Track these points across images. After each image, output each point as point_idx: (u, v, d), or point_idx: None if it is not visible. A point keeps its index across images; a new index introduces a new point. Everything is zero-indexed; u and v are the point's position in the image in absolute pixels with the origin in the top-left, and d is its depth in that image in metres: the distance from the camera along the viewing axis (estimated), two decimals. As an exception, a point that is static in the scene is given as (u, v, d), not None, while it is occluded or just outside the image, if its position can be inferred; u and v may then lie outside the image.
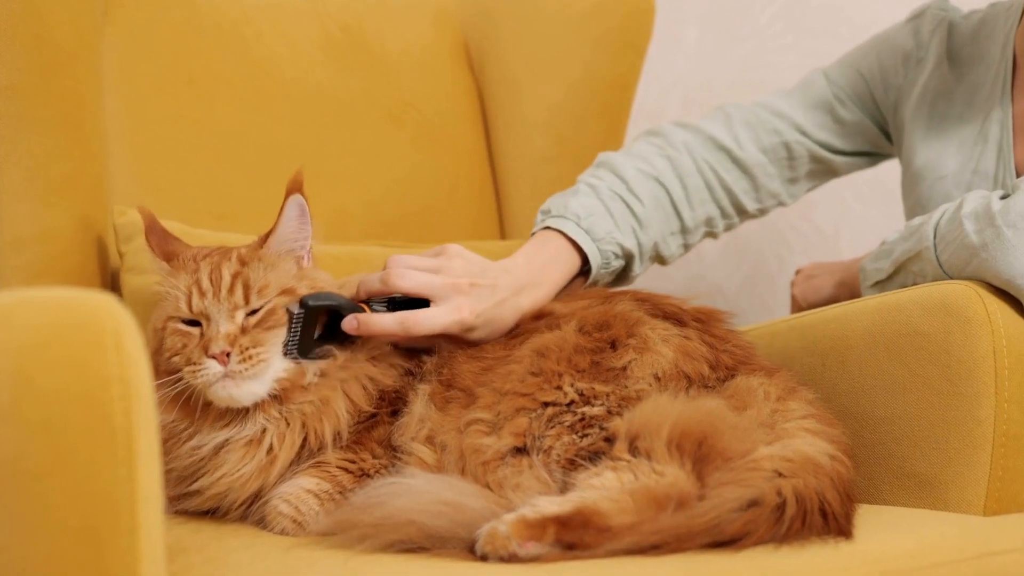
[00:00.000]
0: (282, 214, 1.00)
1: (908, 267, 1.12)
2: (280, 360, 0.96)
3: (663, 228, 1.25)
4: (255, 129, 1.41)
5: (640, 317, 1.00)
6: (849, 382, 1.08)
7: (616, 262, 1.20)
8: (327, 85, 1.48)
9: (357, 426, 0.98)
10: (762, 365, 0.99)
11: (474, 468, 0.91)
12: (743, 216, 1.34)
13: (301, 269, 1.01)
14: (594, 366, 0.94)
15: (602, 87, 1.57)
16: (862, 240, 1.99)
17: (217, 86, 1.40)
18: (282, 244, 1.01)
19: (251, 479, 0.94)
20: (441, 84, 1.60)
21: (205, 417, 0.96)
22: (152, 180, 1.33)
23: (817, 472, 0.84)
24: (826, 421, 0.93)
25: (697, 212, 1.28)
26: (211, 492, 0.96)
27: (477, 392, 0.95)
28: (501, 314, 1.05)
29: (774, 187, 1.33)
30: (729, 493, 0.81)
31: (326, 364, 0.97)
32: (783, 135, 1.33)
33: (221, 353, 0.93)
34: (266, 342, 0.95)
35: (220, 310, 0.95)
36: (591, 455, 0.87)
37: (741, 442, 0.86)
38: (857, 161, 1.40)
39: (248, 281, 0.97)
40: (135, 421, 0.64)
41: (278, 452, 0.94)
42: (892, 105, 1.34)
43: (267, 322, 0.96)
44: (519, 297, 1.07)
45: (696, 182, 1.28)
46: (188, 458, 0.96)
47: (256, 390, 0.94)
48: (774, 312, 1.94)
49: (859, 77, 1.35)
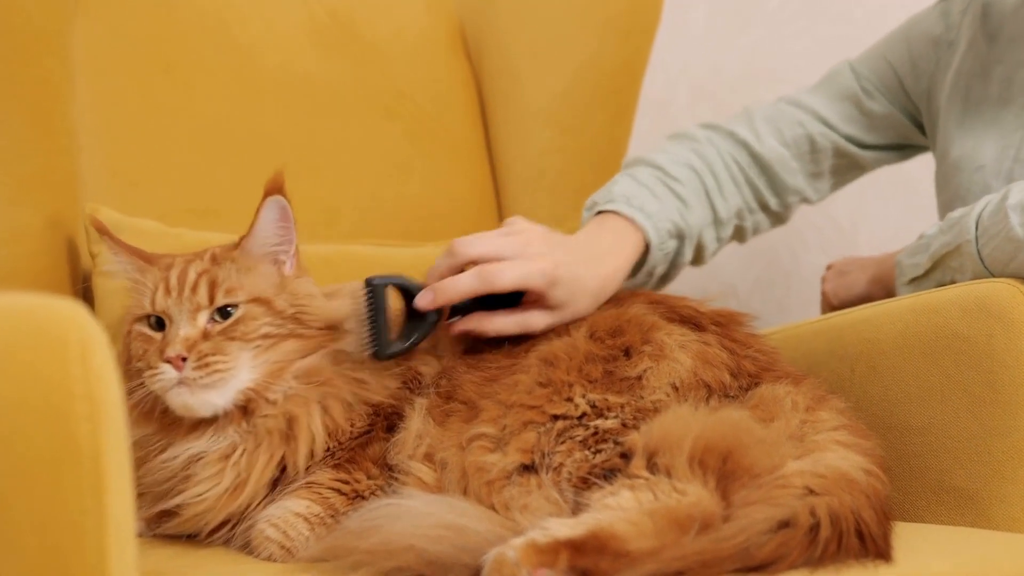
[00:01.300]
0: (258, 216, 0.99)
1: (947, 262, 1.11)
2: (247, 372, 0.94)
3: (702, 216, 1.27)
4: (237, 121, 1.41)
5: (655, 321, 0.98)
6: (881, 390, 1.06)
7: (670, 243, 1.21)
8: (314, 73, 1.48)
9: (350, 443, 0.96)
10: (788, 372, 0.98)
11: (478, 488, 0.89)
12: (766, 213, 1.35)
13: (283, 277, 1.00)
14: (607, 375, 0.92)
15: (609, 73, 1.56)
16: (881, 235, 1.98)
17: (196, 75, 1.40)
18: (260, 247, 0.99)
19: (225, 497, 0.93)
20: (436, 72, 1.59)
21: (178, 428, 0.95)
22: (127, 176, 1.32)
23: (852, 489, 0.82)
24: (859, 432, 0.91)
25: (729, 203, 1.30)
26: (189, 513, 0.94)
27: (480, 405, 0.94)
28: (583, 273, 1.04)
29: (796, 183, 1.34)
30: (758, 513, 0.79)
31: (296, 384, 0.96)
32: (806, 127, 1.33)
33: (176, 357, 0.92)
34: (229, 352, 0.94)
35: (182, 310, 0.95)
36: (606, 473, 0.86)
37: (769, 457, 0.84)
38: (885, 156, 1.39)
39: (215, 279, 0.96)
40: (103, 443, 0.61)
41: (249, 470, 0.93)
42: (924, 93, 1.33)
43: (234, 331, 0.95)
44: (596, 262, 1.07)
45: (723, 173, 1.30)
46: (160, 472, 0.95)
47: (214, 401, 0.93)
48: (789, 313, 1.94)
49: (888, 67, 1.35)
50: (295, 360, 0.97)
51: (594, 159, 1.56)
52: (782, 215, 1.37)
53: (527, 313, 1.02)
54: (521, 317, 1.02)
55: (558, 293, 1.02)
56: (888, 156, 1.40)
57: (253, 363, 0.95)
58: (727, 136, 1.33)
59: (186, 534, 0.97)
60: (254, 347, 0.95)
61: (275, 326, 0.97)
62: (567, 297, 1.02)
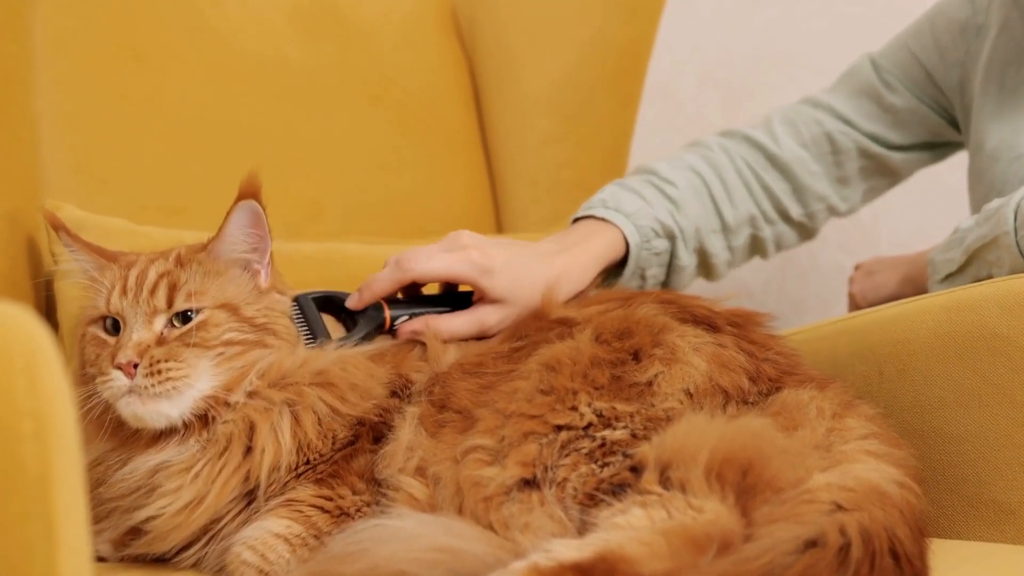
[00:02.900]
0: (228, 220, 0.98)
1: (982, 256, 1.10)
2: (206, 380, 0.94)
3: (704, 221, 1.28)
4: (212, 111, 1.40)
5: (666, 323, 0.97)
6: (912, 394, 1.05)
7: (659, 242, 1.23)
8: (295, 59, 1.48)
9: (333, 455, 0.95)
10: (811, 376, 0.97)
11: (474, 505, 0.87)
12: (788, 223, 1.35)
13: (257, 288, 1.00)
14: (615, 381, 0.91)
15: (612, 56, 1.56)
16: (904, 230, 2.01)
17: (167, 61, 1.39)
18: (229, 252, 0.99)
19: (185, 512, 0.92)
20: (426, 57, 1.59)
21: (137, 441, 0.95)
22: (92, 170, 1.31)
23: (884, 503, 0.80)
24: (891, 441, 0.90)
25: (740, 209, 1.31)
26: (156, 532, 0.93)
27: (476, 414, 0.93)
28: (525, 263, 1.08)
29: (820, 188, 1.34)
30: (782, 532, 0.77)
31: (258, 383, 0.95)
32: (823, 124, 1.34)
33: (127, 364, 0.91)
34: (185, 359, 0.93)
35: (137, 313, 0.94)
36: (614, 488, 0.84)
37: (793, 469, 0.83)
38: (917, 156, 1.39)
39: (176, 282, 0.95)
40: (53, 465, 0.58)
41: (208, 483, 0.92)
42: (956, 85, 1.33)
43: (191, 337, 0.94)
44: (545, 257, 1.10)
45: (733, 178, 1.31)
46: (121, 488, 0.94)
47: (166, 411, 0.92)
48: (807, 313, 1.95)
49: (912, 59, 1.35)
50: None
51: (598, 149, 1.57)
52: (807, 227, 1.37)
53: (478, 310, 1.07)
54: (473, 315, 1.06)
55: (496, 283, 1.06)
56: (920, 157, 1.39)
57: (215, 371, 0.94)
58: (742, 140, 1.34)
59: (154, 556, 0.95)
60: (216, 354, 0.95)
61: (242, 332, 0.96)
62: (509, 286, 1.06)
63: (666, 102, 1.95)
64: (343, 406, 0.96)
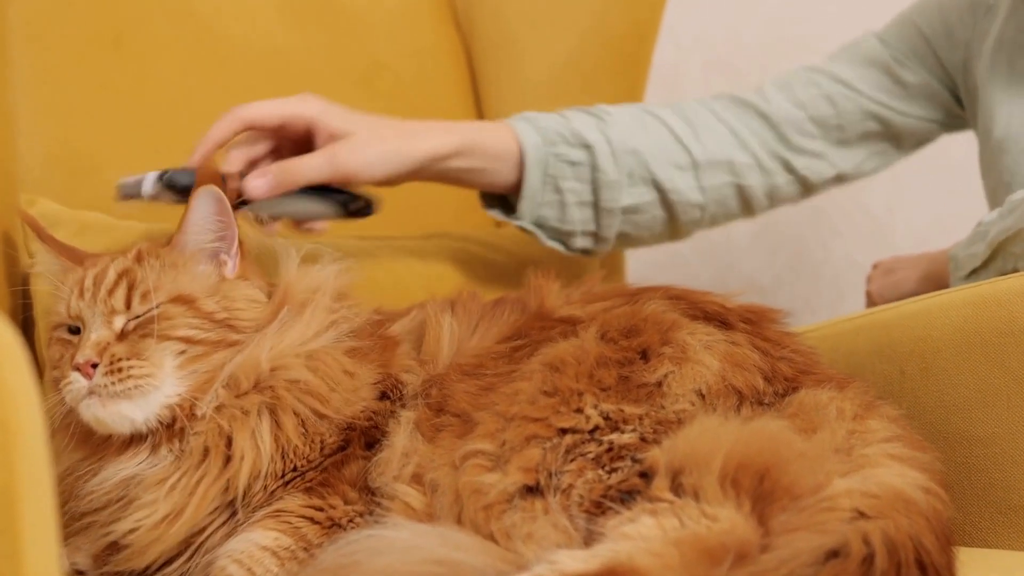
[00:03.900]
0: (188, 210, 0.98)
1: (1007, 249, 1.10)
2: (172, 384, 0.93)
3: (656, 151, 1.28)
4: (196, 99, 1.39)
5: (676, 319, 0.97)
6: (936, 394, 1.05)
7: (571, 150, 1.24)
8: (282, 44, 1.47)
9: (323, 462, 0.95)
10: (830, 375, 0.96)
11: (474, 513, 0.87)
12: (788, 171, 1.34)
13: (222, 279, 0.99)
14: (622, 382, 0.90)
15: (616, 40, 1.56)
16: (920, 222, 2.02)
17: (149, 48, 1.38)
18: (194, 244, 0.99)
19: (163, 525, 0.91)
20: (420, 41, 1.59)
21: (108, 449, 0.94)
22: (70, 162, 1.30)
23: (909, 510, 0.79)
24: (915, 444, 0.89)
25: (709, 149, 1.30)
26: (135, 546, 0.92)
27: (476, 417, 0.92)
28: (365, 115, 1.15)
29: (815, 147, 1.34)
30: (801, 542, 0.76)
31: (225, 393, 0.94)
32: (822, 87, 1.35)
33: (85, 363, 0.91)
34: (147, 356, 0.92)
35: (95, 313, 0.94)
36: (623, 495, 0.83)
37: (812, 474, 0.82)
38: (925, 126, 1.39)
39: (134, 281, 0.95)
40: (18, 477, 0.56)
41: (186, 497, 0.92)
42: (960, 65, 1.33)
43: (148, 328, 0.93)
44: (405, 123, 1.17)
45: (704, 117, 1.31)
46: (94, 500, 0.93)
47: (129, 413, 0.91)
48: (819, 310, 1.95)
49: (917, 35, 1.35)
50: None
51: None
52: (806, 187, 1.36)
53: (327, 147, 1.11)
54: (323, 151, 1.10)
55: (338, 120, 1.12)
56: (928, 127, 1.39)
57: (179, 373, 0.94)
58: (727, 98, 1.34)
59: (136, 571, 0.95)
60: (177, 351, 0.94)
61: (201, 330, 0.95)
62: (353, 120, 1.13)
63: (670, 88, 1.96)
64: (330, 410, 0.95)
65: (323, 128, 1.11)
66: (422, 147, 1.15)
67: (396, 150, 1.14)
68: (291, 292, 1.00)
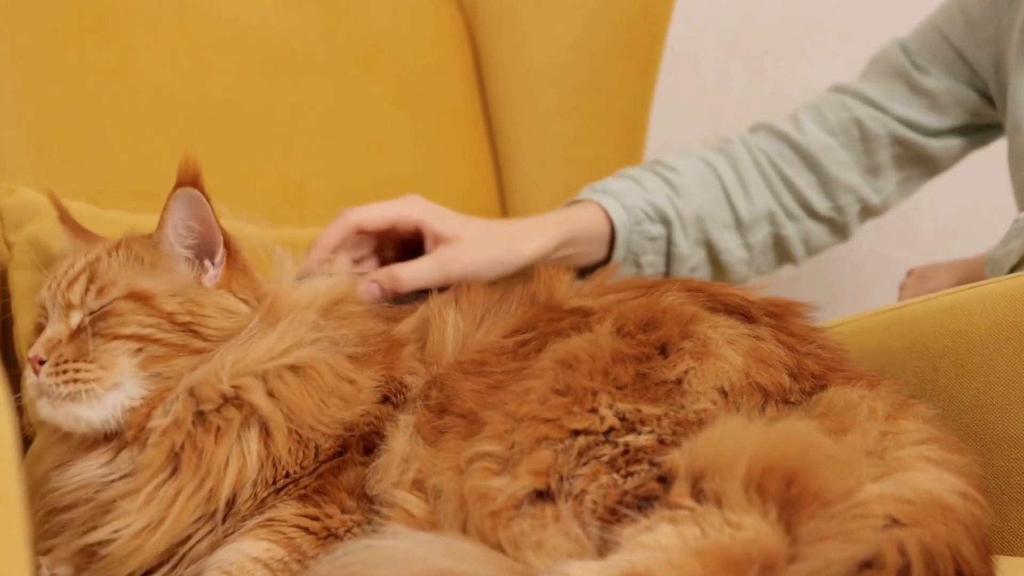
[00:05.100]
0: (164, 210, 0.97)
1: None
2: (135, 384, 0.94)
3: (711, 212, 1.32)
4: (184, 84, 1.39)
5: (696, 312, 0.97)
6: (972, 393, 1.04)
7: (652, 226, 1.29)
8: (276, 26, 1.47)
9: (318, 468, 0.95)
10: (859, 372, 0.96)
11: (480, 521, 0.86)
12: (815, 219, 1.39)
13: (198, 284, 0.98)
14: (639, 379, 0.90)
15: (628, 21, 1.57)
16: (947, 212, 2.03)
17: (134, 29, 1.37)
18: (169, 246, 0.99)
19: (143, 534, 0.91)
20: (421, 24, 1.59)
21: (79, 444, 0.95)
22: (50, 149, 1.29)
23: (947, 517, 0.79)
24: (951, 446, 0.88)
25: (756, 204, 1.36)
26: (113, 557, 0.92)
27: (483, 417, 0.92)
28: (471, 218, 1.19)
29: (848, 179, 1.37)
30: (832, 551, 0.75)
31: (187, 399, 0.94)
32: (852, 110, 1.38)
33: (34, 359, 0.92)
34: (98, 355, 0.93)
35: (55, 306, 0.95)
36: (640, 502, 0.82)
37: (843, 478, 0.81)
38: (956, 143, 1.41)
39: (95, 274, 0.95)
40: None
41: (165, 509, 0.91)
42: (990, 62, 1.33)
43: (103, 327, 0.93)
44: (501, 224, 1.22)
45: (750, 170, 1.36)
46: (68, 497, 0.94)
47: (83, 415, 0.92)
48: (841, 306, 1.93)
49: (941, 39, 1.37)
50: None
51: (612, 122, 1.57)
52: (837, 222, 1.40)
53: (435, 251, 1.16)
54: (432, 256, 1.15)
55: (447, 223, 1.17)
56: (959, 144, 1.41)
57: (142, 374, 0.94)
58: (764, 131, 1.39)
59: None
60: (134, 351, 0.94)
61: (159, 329, 0.95)
62: (460, 226, 1.17)
63: (685, 71, 1.95)
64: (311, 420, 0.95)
65: (430, 231, 1.17)
66: (527, 250, 1.21)
67: (502, 257, 1.20)
68: (275, 306, 0.99)
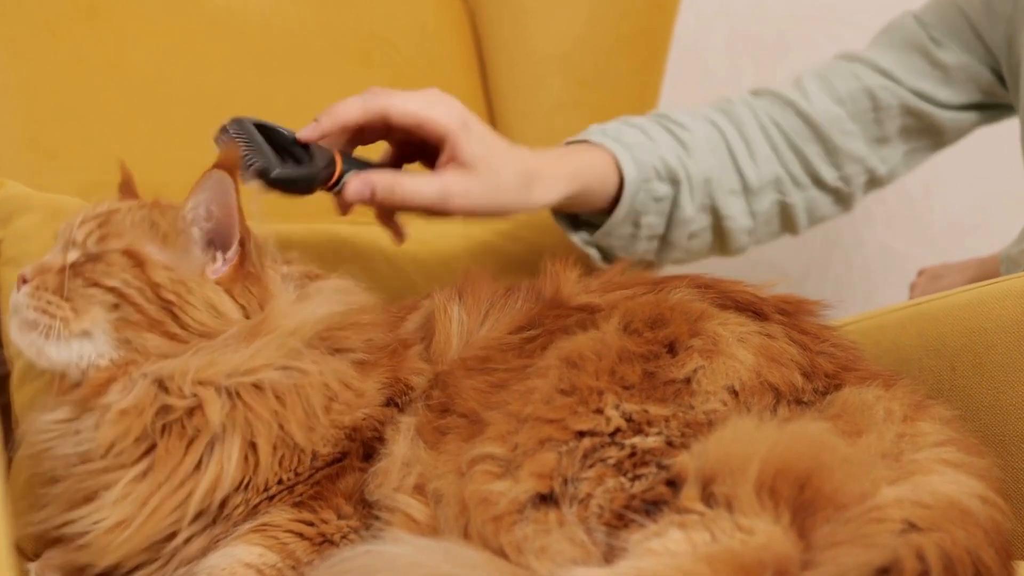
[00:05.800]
0: (195, 187, 0.97)
1: None
2: (105, 341, 0.94)
3: (719, 176, 1.29)
4: (178, 75, 1.39)
5: (705, 309, 0.96)
6: (991, 393, 1.02)
7: (660, 185, 1.24)
8: (272, 15, 1.47)
9: (315, 473, 0.95)
10: (874, 372, 0.95)
11: (481, 526, 0.85)
12: (821, 188, 1.36)
13: (200, 273, 0.97)
14: (647, 379, 0.89)
15: (634, 10, 1.57)
16: (959, 204, 2.01)
17: (127, 19, 1.38)
18: (189, 224, 0.98)
19: (118, 532, 0.91)
20: (421, 13, 1.59)
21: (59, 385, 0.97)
22: (41, 142, 1.30)
23: (966, 522, 0.78)
24: (970, 449, 0.88)
25: (763, 169, 1.33)
26: (94, 547, 0.92)
27: (485, 418, 0.91)
28: (500, 141, 1.11)
29: (856, 148, 1.35)
30: (847, 557, 0.75)
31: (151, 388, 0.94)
32: (863, 79, 1.35)
33: (20, 276, 0.95)
34: (73, 297, 0.94)
35: (62, 238, 0.97)
36: (648, 506, 0.82)
37: (858, 481, 0.81)
38: (967, 117, 1.39)
39: (107, 222, 0.97)
40: None
41: (138, 508, 0.92)
42: (1003, 41, 1.32)
43: (89, 270, 0.95)
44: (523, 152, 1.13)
45: (757, 135, 1.33)
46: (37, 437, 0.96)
47: (45, 350, 0.94)
48: (851, 303, 1.91)
49: (957, 13, 1.35)
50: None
51: (618, 114, 1.51)
52: (843, 192, 1.37)
53: (444, 174, 1.07)
54: (439, 178, 1.06)
55: (473, 143, 1.07)
56: (970, 117, 1.40)
57: (114, 335, 0.94)
58: (769, 97, 1.36)
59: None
60: (110, 306, 0.94)
61: (139, 292, 0.94)
62: (483, 153, 1.07)
63: (692, 62, 1.95)
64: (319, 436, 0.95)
65: (451, 148, 1.07)
66: (538, 202, 1.14)
67: (511, 204, 1.12)
68: (263, 324, 0.98)
